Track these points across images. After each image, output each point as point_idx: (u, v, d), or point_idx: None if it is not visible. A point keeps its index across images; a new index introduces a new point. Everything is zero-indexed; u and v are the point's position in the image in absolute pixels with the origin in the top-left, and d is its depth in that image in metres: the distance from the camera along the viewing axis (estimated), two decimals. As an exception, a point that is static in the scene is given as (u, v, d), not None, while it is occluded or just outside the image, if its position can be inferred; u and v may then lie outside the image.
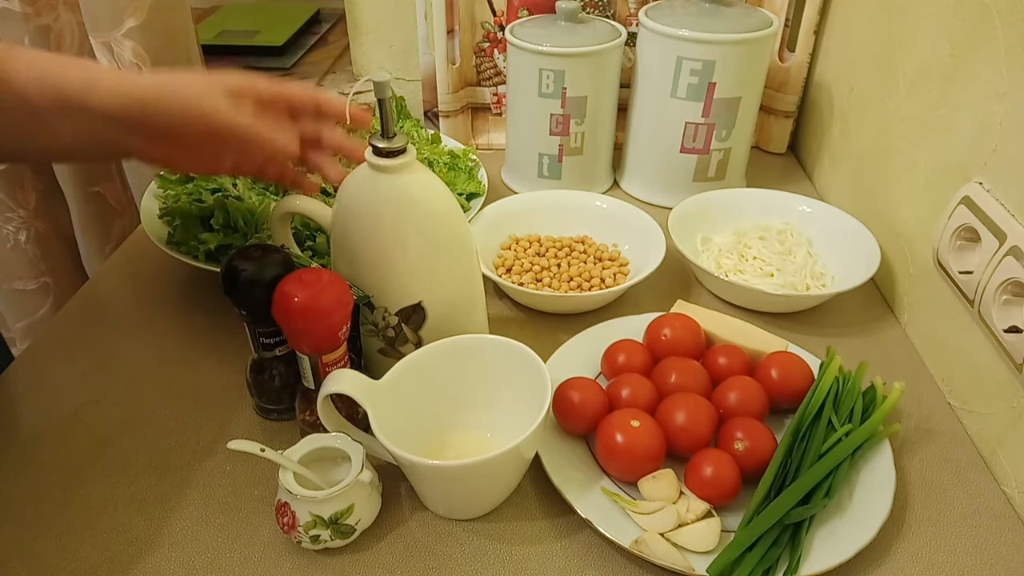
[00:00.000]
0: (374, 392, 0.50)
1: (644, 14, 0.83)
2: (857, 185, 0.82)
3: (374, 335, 0.57)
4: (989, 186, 0.57)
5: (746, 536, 0.48)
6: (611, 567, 0.49)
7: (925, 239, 0.67)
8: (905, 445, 0.58)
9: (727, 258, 0.76)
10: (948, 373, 0.63)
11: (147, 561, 0.49)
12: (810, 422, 0.55)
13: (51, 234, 1.02)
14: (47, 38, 0.88)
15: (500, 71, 0.98)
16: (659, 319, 0.63)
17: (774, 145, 1.00)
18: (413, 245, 0.52)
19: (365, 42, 1.05)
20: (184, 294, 0.74)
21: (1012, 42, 0.55)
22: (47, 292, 1.04)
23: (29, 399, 0.62)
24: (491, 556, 0.50)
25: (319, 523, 0.47)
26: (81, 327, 0.70)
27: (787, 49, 0.95)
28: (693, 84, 0.80)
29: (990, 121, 0.58)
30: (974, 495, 0.55)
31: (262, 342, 0.55)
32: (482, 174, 0.84)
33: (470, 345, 0.55)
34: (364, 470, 0.49)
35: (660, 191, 0.89)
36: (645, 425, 0.52)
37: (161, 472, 0.56)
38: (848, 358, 0.60)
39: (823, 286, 0.73)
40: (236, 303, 0.53)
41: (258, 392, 0.59)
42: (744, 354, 0.61)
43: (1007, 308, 0.54)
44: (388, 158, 0.50)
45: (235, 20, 1.30)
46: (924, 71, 0.68)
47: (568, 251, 0.77)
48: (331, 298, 0.49)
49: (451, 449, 0.55)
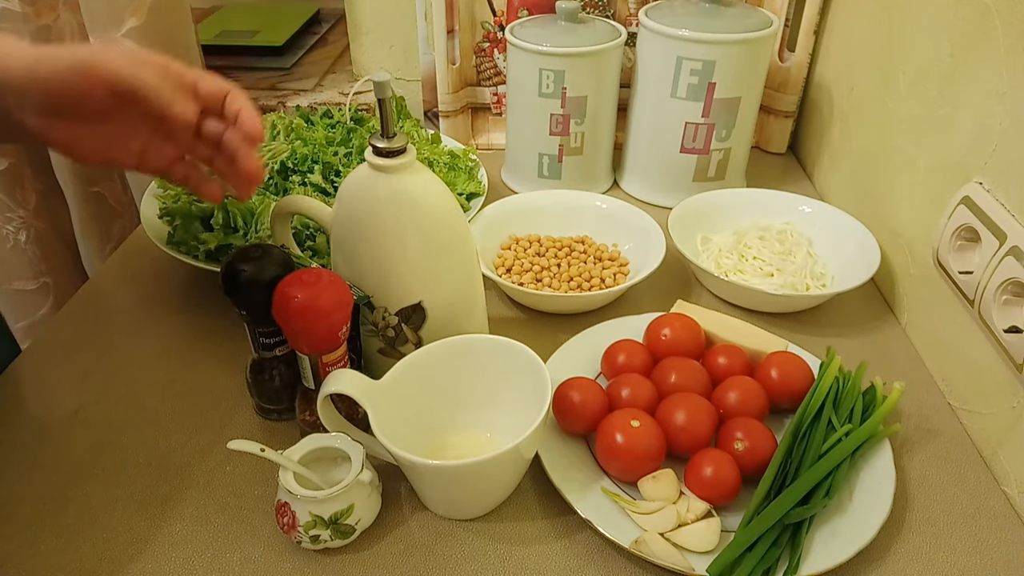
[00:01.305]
0: (374, 392, 0.50)
1: (644, 14, 0.83)
2: (857, 185, 0.82)
3: (374, 335, 0.57)
4: (989, 186, 0.57)
5: (746, 536, 0.48)
6: (611, 567, 0.49)
7: (925, 239, 0.67)
8: (905, 445, 0.58)
9: (727, 258, 0.76)
10: (948, 373, 0.63)
11: (147, 561, 0.49)
12: (810, 422, 0.55)
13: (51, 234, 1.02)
14: (47, 38, 0.88)
15: (500, 71, 0.98)
16: (659, 319, 0.63)
17: (774, 145, 1.00)
18: (413, 245, 0.52)
19: (365, 42, 1.05)
20: (184, 294, 0.74)
21: (1012, 42, 0.55)
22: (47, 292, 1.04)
23: (29, 399, 0.62)
24: (491, 556, 0.50)
25: (319, 523, 0.47)
26: (81, 327, 0.71)
27: (787, 49, 0.95)
28: (693, 84, 0.80)
29: (990, 121, 0.58)
30: (974, 495, 0.55)
31: (262, 342, 0.55)
32: (482, 174, 0.84)
33: (470, 345, 0.55)
34: (364, 470, 0.49)
35: (660, 191, 0.89)
36: (645, 425, 0.52)
37: (161, 472, 0.56)
38: (848, 358, 0.60)
39: (823, 286, 0.73)
40: (236, 303, 0.53)
41: (258, 392, 0.59)
42: (744, 354, 0.60)
43: (1007, 308, 0.54)
44: (388, 158, 0.50)
45: (235, 20, 1.29)
46: (924, 71, 0.68)
47: (568, 251, 0.77)
48: (331, 298, 0.49)
49: (451, 449, 0.55)
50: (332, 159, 0.76)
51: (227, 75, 1.11)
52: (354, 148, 0.78)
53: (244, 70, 1.15)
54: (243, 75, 1.13)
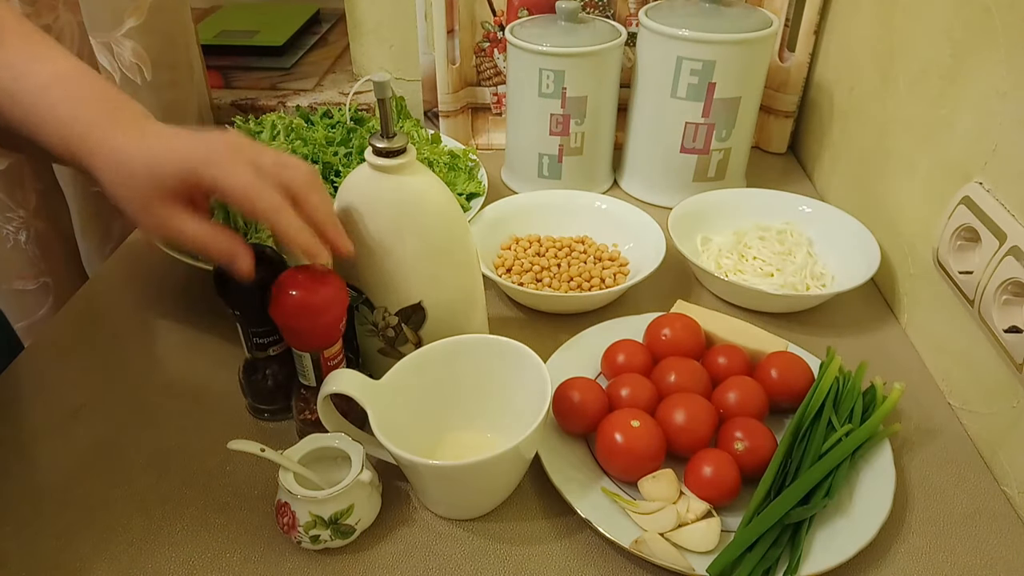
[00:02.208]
0: (374, 392, 0.50)
1: (644, 14, 0.83)
2: (857, 185, 0.82)
3: (374, 335, 0.57)
4: (989, 186, 0.57)
5: (746, 536, 0.48)
6: (611, 567, 0.49)
7: (925, 239, 0.67)
8: (905, 445, 0.58)
9: (727, 258, 0.76)
10: (948, 373, 0.63)
11: (147, 561, 0.49)
12: (810, 422, 0.55)
13: (51, 234, 1.02)
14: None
15: (500, 71, 0.98)
16: (659, 319, 0.63)
17: (774, 145, 1.00)
18: (413, 245, 0.52)
19: (365, 42, 1.05)
20: (184, 294, 0.74)
21: (1012, 42, 0.55)
22: (47, 292, 1.04)
23: (29, 399, 0.62)
24: (491, 556, 0.50)
25: (319, 523, 0.47)
26: (81, 327, 0.71)
27: (787, 49, 0.95)
28: (693, 84, 0.80)
29: (990, 121, 0.58)
30: (974, 495, 0.55)
31: (255, 342, 0.55)
32: (482, 174, 0.84)
33: (470, 345, 0.55)
34: (364, 470, 0.49)
35: (660, 191, 0.89)
36: (645, 425, 0.52)
37: (161, 472, 0.56)
38: (848, 358, 0.60)
39: (823, 286, 0.73)
40: (229, 303, 0.53)
41: (251, 392, 0.59)
42: (744, 354, 0.60)
43: (1007, 308, 0.54)
44: (388, 158, 0.50)
45: (235, 20, 1.29)
46: (924, 71, 0.68)
47: (568, 251, 0.77)
48: (330, 291, 0.49)
49: (451, 449, 0.55)
50: (332, 159, 0.76)
51: (227, 75, 1.12)
52: (354, 148, 0.78)
53: (244, 70, 1.15)
54: (243, 75, 1.13)
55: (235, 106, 1.05)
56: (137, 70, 0.87)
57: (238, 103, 1.05)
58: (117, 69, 0.86)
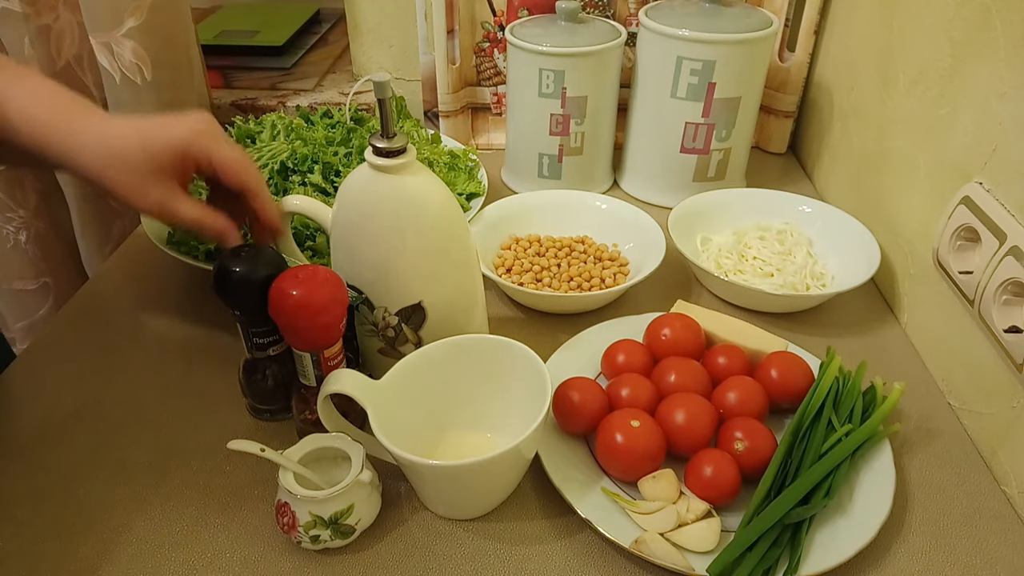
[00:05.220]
0: (374, 392, 0.50)
1: (644, 14, 0.83)
2: (857, 185, 0.82)
3: (374, 335, 0.57)
4: (989, 186, 0.57)
5: (746, 536, 0.48)
6: (611, 567, 0.49)
7: (925, 239, 0.67)
8: (905, 445, 0.58)
9: (727, 258, 0.76)
10: (948, 373, 0.63)
11: (147, 561, 0.49)
12: (810, 422, 0.55)
13: (51, 234, 1.02)
14: (47, 38, 0.88)
15: (500, 71, 0.98)
16: (659, 319, 0.63)
17: (774, 145, 1.00)
18: (413, 245, 0.52)
19: (365, 42, 1.05)
20: (184, 294, 0.74)
21: (1012, 42, 0.55)
22: (47, 292, 1.04)
23: (29, 399, 0.62)
24: (491, 556, 0.50)
25: (319, 523, 0.47)
26: (81, 327, 0.71)
27: (787, 49, 0.95)
28: (693, 84, 0.80)
29: (990, 121, 0.58)
30: (974, 495, 0.55)
31: (256, 342, 0.55)
32: (482, 174, 0.84)
33: (470, 345, 0.55)
34: (364, 470, 0.49)
35: (660, 191, 0.89)
36: (645, 425, 0.52)
37: (161, 472, 0.56)
38: (848, 358, 0.60)
39: (823, 286, 0.73)
40: (228, 303, 0.53)
41: (251, 392, 0.59)
42: (744, 354, 0.60)
43: (1007, 308, 0.54)
44: (388, 158, 0.50)
45: (235, 20, 1.29)
46: (924, 71, 0.68)
47: (568, 251, 0.77)
48: (329, 291, 0.49)
49: (451, 449, 0.55)
50: (332, 159, 0.76)
51: (227, 75, 1.12)
52: (354, 148, 0.78)
53: (244, 70, 1.15)
54: (243, 75, 1.13)
55: (235, 106, 1.05)
56: (137, 70, 0.87)
57: (238, 103, 1.05)
58: (117, 69, 0.86)
